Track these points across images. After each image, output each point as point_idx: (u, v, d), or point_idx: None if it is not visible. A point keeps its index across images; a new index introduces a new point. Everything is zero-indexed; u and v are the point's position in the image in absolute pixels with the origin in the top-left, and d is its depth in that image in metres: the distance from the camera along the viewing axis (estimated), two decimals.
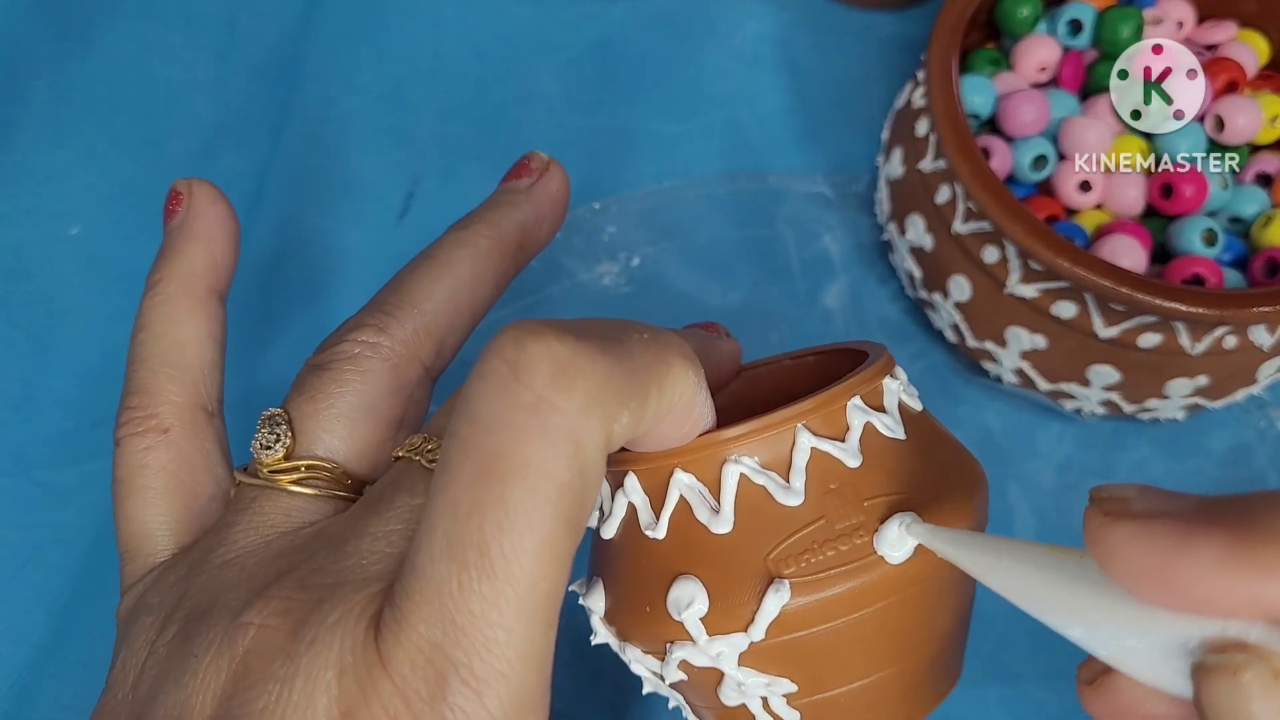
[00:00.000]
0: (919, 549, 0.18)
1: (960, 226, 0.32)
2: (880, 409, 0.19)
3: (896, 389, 0.20)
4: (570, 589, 0.21)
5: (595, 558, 0.20)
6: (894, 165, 0.35)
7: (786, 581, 0.17)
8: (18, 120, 0.41)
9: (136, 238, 0.39)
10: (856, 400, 0.19)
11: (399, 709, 0.15)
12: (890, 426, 0.19)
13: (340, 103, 0.42)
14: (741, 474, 0.18)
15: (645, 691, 0.21)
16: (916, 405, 0.20)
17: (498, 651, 0.15)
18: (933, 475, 0.19)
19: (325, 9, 0.44)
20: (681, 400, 0.17)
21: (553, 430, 0.14)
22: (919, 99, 0.34)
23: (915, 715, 0.19)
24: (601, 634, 0.20)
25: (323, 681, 0.16)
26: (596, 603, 0.20)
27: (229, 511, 0.21)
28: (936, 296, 0.34)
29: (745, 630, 0.18)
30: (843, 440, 0.18)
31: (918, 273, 0.35)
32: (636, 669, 0.20)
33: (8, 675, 0.31)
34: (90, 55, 0.43)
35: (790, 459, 0.18)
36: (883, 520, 0.18)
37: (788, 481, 0.18)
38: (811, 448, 0.18)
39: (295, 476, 0.21)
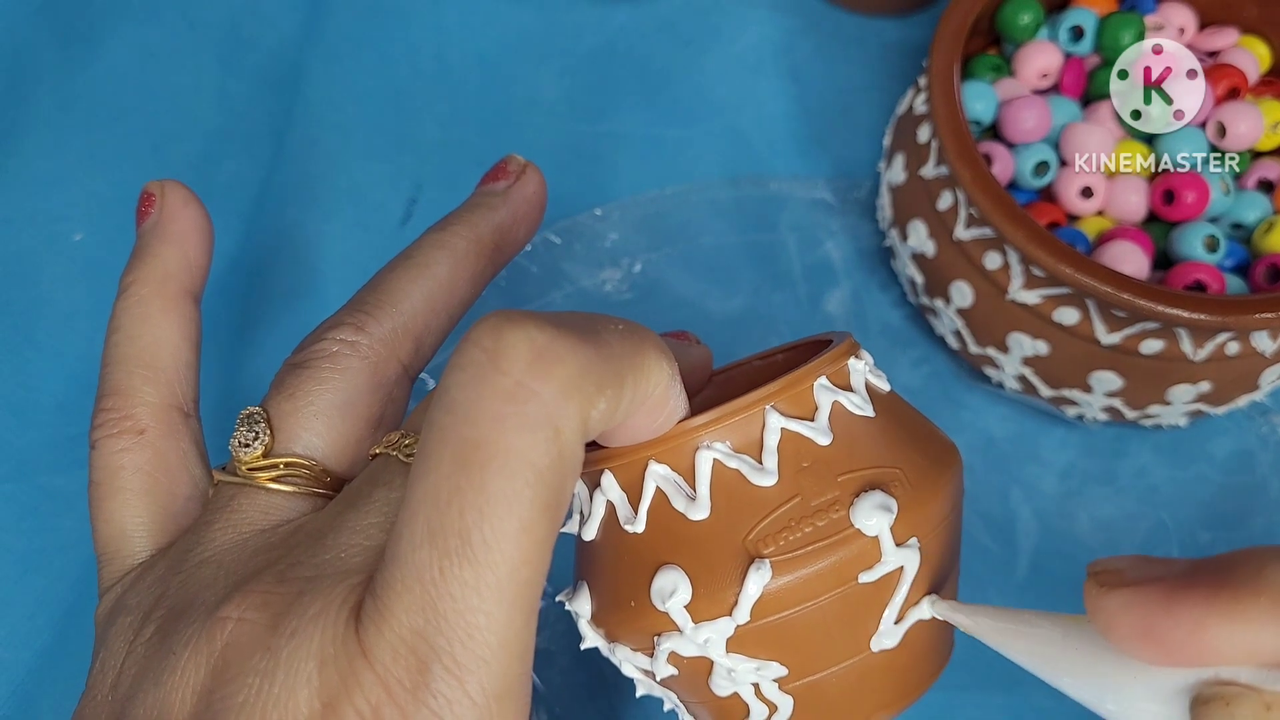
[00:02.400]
0: (897, 521, 0.18)
1: (962, 233, 0.32)
2: (847, 388, 0.19)
3: (862, 369, 0.20)
4: (558, 599, 0.21)
5: (579, 562, 0.20)
6: (896, 171, 0.35)
7: (767, 561, 0.17)
8: (21, 126, 0.41)
9: None
10: (823, 380, 0.19)
11: (381, 698, 0.15)
12: (859, 404, 0.19)
13: (343, 108, 0.42)
14: (715, 459, 0.18)
15: (639, 694, 0.21)
16: (884, 386, 0.20)
17: (479, 638, 0.15)
18: (905, 449, 0.19)
19: (327, 15, 0.44)
20: (656, 391, 0.17)
21: (531, 416, 0.15)
22: (921, 105, 0.34)
23: (909, 695, 0.19)
24: (590, 638, 0.20)
25: (303, 673, 0.16)
26: (583, 606, 0.20)
27: (207, 510, 0.21)
28: (938, 302, 0.34)
29: (730, 614, 0.18)
30: (812, 420, 0.18)
31: (919, 279, 0.35)
32: (628, 670, 0.20)
33: (10, 680, 0.31)
34: (93, 61, 0.43)
35: (761, 440, 0.18)
36: (857, 495, 0.18)
37: (760, 463, 0.18)
38: (781, 428, 0.18)
39: (274, 474, 0.21)
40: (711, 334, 0.37)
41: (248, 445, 0.21)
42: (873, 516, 0.18)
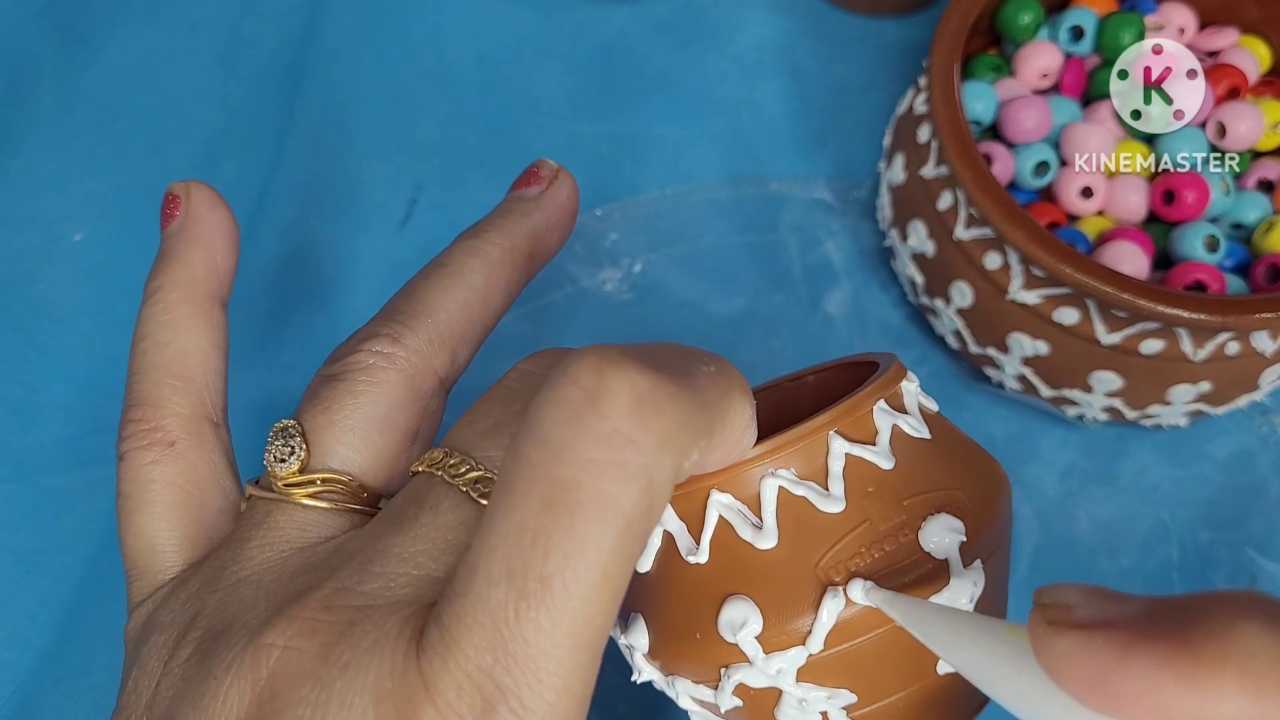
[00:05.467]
0: (963, 543, 0.18)
1: (962, 233, 0.32)
2: (903, 410, 0.19)
3: (914, 391, 0.20)
4: (615, 636, 0.20)
5: (631, 594, 0.20)
6: (896, 171, 0.35)
7: (840, 588, 0.17)
8: (22, 126, 0.41)
9: (140, 244, 0.39)
10: (881, 404, 0.19)
11: None
12: (915, 427, 0.19)
13: (343, 109, 0.42)
14: (780, 487, 0.18)
15: None
16: (933, 406, 0.20)
17: (548, 682, 0.14)
18: (963, 471, 0.19)
19: (328, 16, 0.44)
20: (737, 432, 0.17)
21: (629, 466, 0.14)
22: (921, 105, 0.34)
23: (967, 718, 0.19)
24: (646, 671, 0.20)
25: (358, 707, 0.15)
26: (639, 639, 0.19)
27: (241, 526, 0.21)
28: (938, 303, 0.34)
29: (804, 644, 0.17)
30: (873, 444, 0.18)
31: (920, 279, 0.35)
32: (684, 703, 0.20)
33: (10, 681, 0.31)
34: (94, 62, 0.43)
35: (826, 466, 0.18)
36: (925, 518, 0.18)
37: (827, 489, 0.18)
38: (846, 453, 0.18)
39: (310, 490, 0.20)
40: (711, 334, 0.37)
41: (283, 460, 0.20)
42: (943, 539, 0.18)
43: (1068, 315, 0.30)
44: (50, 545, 0.33)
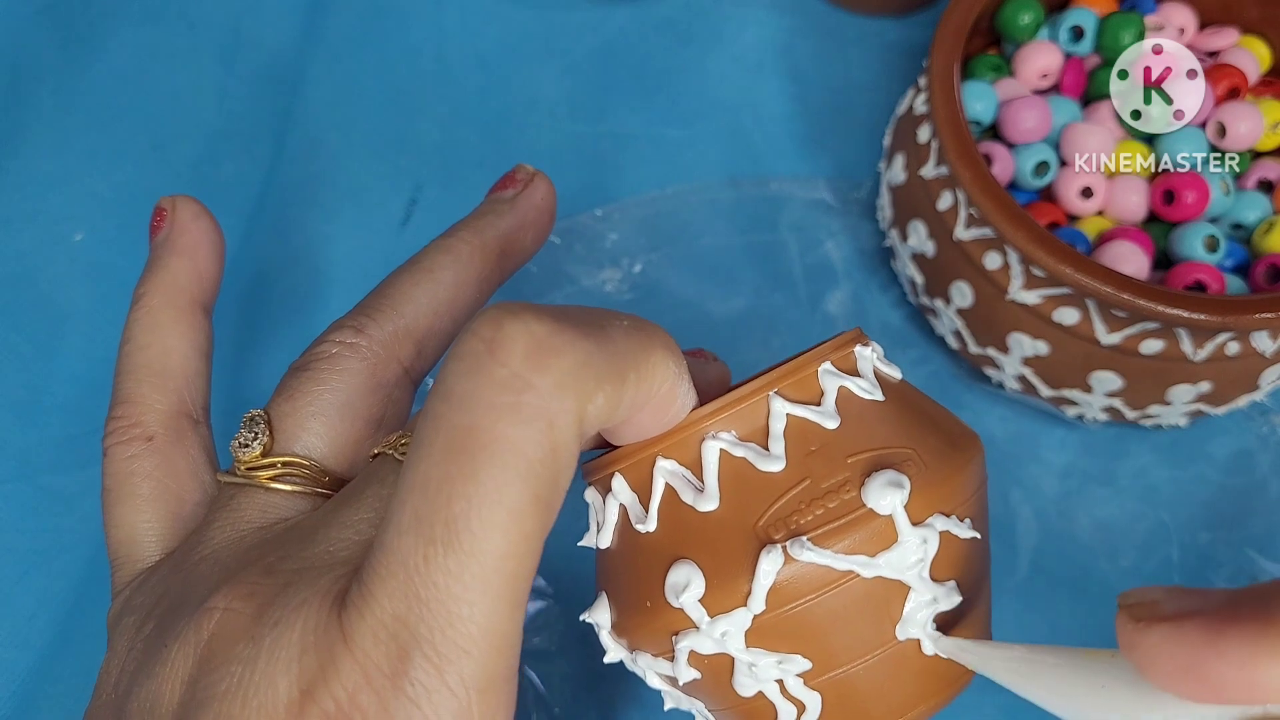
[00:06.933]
0: (911, 500, 0.17)
1: (962, 233, 0.32)
2: (854, 374, 0.19)
3: (870, 356, 0.20)
4: (581, 618, 0.20)
5: (598, 573, 0.20)
6: (896, 171, 0.35)
7: (779, 546, 0.17)
8: (22, 126, 0.41)
9: (140, 244, 0.39)
10: (827, 365, 0.19)
11: (359, 683, 0.15)
12: (866, 389, 0.19)
13: (343, 109, 0.42)
14: (721, 449, 0.18)
15: (666, 708, 0.21)
16: (896, 375, 0.20)
17: (461, 628, 0.15)
18: (918, 431, 0.19)
19: (328, 16, 0.44)
20: (662, 388, 0.17)
21: (525, 407, 0.15)
22: (921, 105, 0.34)
23: (948, 688, 0.19)
24: (613, 650, 0.20)
25: (284, 661, 0.16)
26: (602, 616, 0.19)
27: (210, 511, 0.22)
28: (938, 303, 0.34)
29: (745, 604, 0.17)
30: (818, 404, 0.18)
31: (920, 279, 0.35)
32: (653, 681, 0.20)
33: (11, 680, 0.31)
34: (94, 62, 0.43)
35: (767, 427, 0.18)
36: (867, 474, 0.18)
37: (767, 449, 0.18)
38: (787, 414, 0.18)
39: (272, 473, 0.21)
40: (711, 334, 0.37)
41: (247, 445, 0.21)
42: (885, 495, 0.17)
43: (1068, 315, 0.30)
44: (50, 545, 0.33)
